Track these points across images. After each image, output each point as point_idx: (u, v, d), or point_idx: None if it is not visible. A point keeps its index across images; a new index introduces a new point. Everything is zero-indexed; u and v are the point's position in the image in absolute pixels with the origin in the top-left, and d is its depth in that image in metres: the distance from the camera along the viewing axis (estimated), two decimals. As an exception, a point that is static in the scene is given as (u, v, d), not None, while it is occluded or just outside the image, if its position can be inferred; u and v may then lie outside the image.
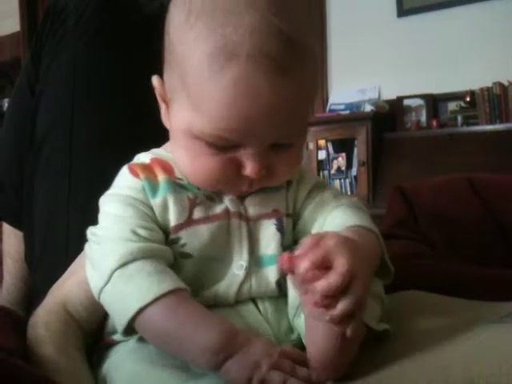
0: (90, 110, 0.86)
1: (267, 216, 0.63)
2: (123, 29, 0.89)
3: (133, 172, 0.62)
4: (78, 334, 0.64)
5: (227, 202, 0.62)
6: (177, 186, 0.61)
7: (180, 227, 0.59)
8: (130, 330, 0.55)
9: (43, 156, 0.86)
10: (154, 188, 0.60)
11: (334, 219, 0.62)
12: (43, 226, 0.85)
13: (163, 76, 0.62)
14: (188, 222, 0.60)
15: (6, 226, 0.96)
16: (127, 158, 0.66)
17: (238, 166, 0.57)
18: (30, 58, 0.92)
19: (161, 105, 0.64)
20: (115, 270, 0.54)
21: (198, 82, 0.53)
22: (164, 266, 0.56)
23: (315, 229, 0.64)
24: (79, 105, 0.85)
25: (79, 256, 0.70)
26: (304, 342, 0.56)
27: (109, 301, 0.56)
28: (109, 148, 0.85)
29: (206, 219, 0.60)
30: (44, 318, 0.64)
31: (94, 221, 0.61)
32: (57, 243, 0.83)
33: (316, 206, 0.65)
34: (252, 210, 0.63)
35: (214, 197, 0.62)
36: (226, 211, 0.62)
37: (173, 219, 0.59)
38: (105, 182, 0.64)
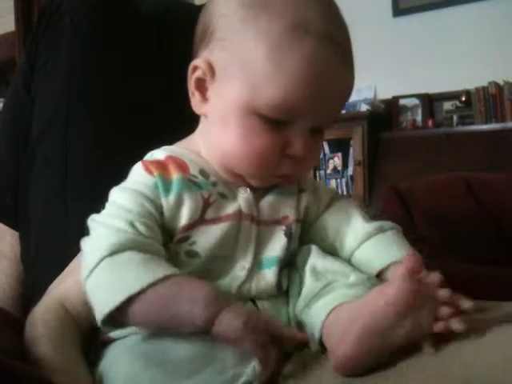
0: (85, 109, 0.86)
1: (278, 222, 0.65)
2: (119, 27, 0.89)
3: (146, 169, 0.62)
4: (75, 331, 0.63)
5: (241, 202, 0.63)
6: (191, 183, 0.61)
7: (192, 226, 0.60)
8: (109, 319, 0.54)
9: (39, 155, 0.86)
10: (167, 186, 0.60)
11: (391, 243, 0.65)
12: (40, 226, 0.85)
13: (202, 56, 0.63)
14: (200, 221, 0.60)
15: (2, 226, 0.96)
16: (124, 156, 0.65)
17: (285, 146, 0.60)
18: (26, 57, 0.91)
19: (193, 92, 0.64)
20: (103, 258, 0.54)
21: (274, 55, 0.57)
22: (153, 256, 0.56)
23: (339, 232, 0.67)
24: (75, 104, 0.85)
25: (78, 254, 0.70)
26: (311, 331, 0.57)
27: (93, 288, 0.56)
28: (105, 147, 0.84)
29: (217, 219, 0.61)
30: (42, 316, 0.63)
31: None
32: (53, 243, 0.82)
33: (336, 212, 0.68)
34: (265, 213, 0.64)
35: (228, 195, 0.63)
36: (239, 212, 0.62)
37: (185, 217, 0.60)
38: (101, 181, 0.63)
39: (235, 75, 0.59)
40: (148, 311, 0.54)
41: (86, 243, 0.59)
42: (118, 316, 0.54)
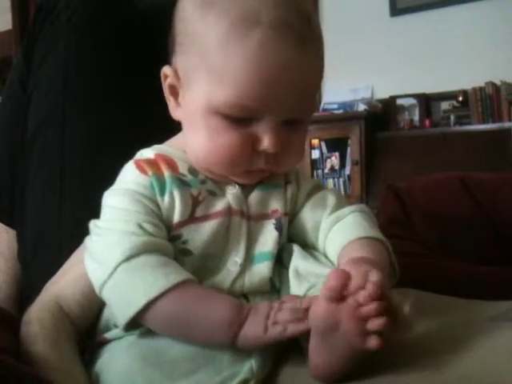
0: (81, 109, 0.86)
1: (267, 217, 0.64)
2: (117, 25, 0.89)
3: (140, 168, 0.62)
4: (71, 330, 0.63)
5: (230, 198, 0.63)
6: (180, 182, 0.61)
7: (182, 224, 0.60)
8: (131, 324, 0.55)
9: (35, 154, 0.85)
10: (161, 185, 0.60)
11: (343, 229, 0.63)
12: (36, 225, 0.85)
13: (173, 63, 0.63)
14: (190, 219, 0.60)
15: (-2, 224, 0.95)
16: (120, 156, 0.65)
17: (255, 141, 0.59)
18: (22, 55, 0.91)
19: (168, 98, 0.65)
20: (120, 263, 0.54)
21: (222, 52, 0.56)
22: (168, 259, 0.56)
23: (317, 227, 0.65)
24: (71, 104, 0.85)
25: (74, 253, 0.70)
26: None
27: (112, 295, 0.56)
28: (101, 147, 0.84)
29: (207, 217, 0.61)
30: (38, 315, 0.63)
31: (87, 219, 0.61)
32: (50, 242, 0.82)
33: (315, 204, 0.67)
34: (255, 208, 0.64)
35: (217, 192, 0.63)
36: (228, 208, 0.62)
37: (176, 216, 0.60)
38: (97, 181, 0.63)
39: (194, 78, 0.59)
40: (165, 318, 0.54)
41: (95, 249, 0.58)
42: (140, 320, 0.55)
